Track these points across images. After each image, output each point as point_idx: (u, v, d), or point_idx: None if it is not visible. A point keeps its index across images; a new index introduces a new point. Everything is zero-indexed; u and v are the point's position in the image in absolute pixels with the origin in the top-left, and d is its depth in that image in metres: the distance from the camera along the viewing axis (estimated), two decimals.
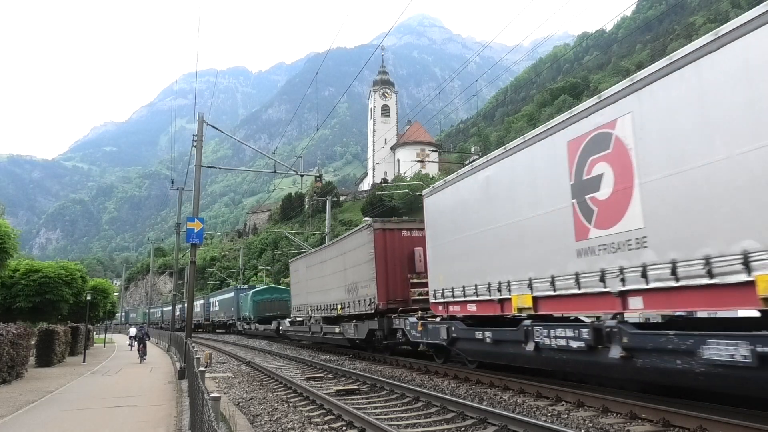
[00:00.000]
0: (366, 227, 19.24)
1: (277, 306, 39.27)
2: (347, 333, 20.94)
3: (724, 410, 7.67)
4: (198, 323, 60.37)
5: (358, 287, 19.66)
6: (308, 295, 26.53)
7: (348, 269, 20.94)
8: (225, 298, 52.30)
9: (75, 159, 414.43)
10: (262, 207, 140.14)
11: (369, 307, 18.29)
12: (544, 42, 67.20)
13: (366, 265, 18.78)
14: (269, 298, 40.80)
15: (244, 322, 43.49)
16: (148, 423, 9.40)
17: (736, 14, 62.22)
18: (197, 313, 59.96)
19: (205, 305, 59.61)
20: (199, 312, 59.91)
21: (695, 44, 7.53)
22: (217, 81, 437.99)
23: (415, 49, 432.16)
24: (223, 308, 52.84)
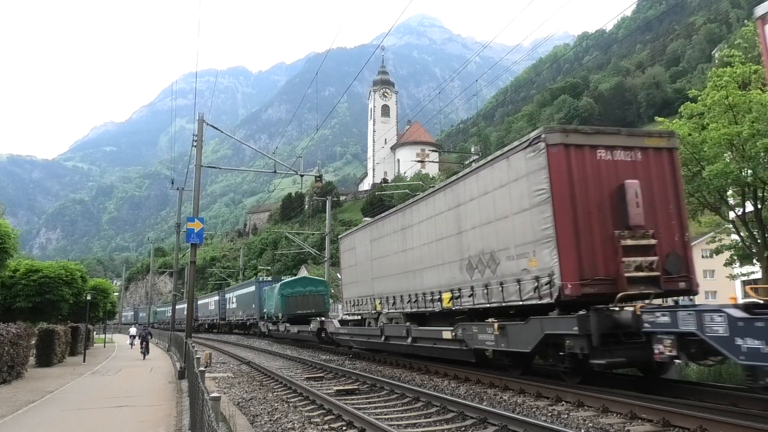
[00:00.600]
0: (526, 144, 10.90)
1: (312, 302, 32.50)
2: (478, 341, 12.42)
3: (724, 410, 7.67)
4: (212, 323, 55.92)
5: (500, 258, 11.71)
6: (375, 282, 19.08)
7: (475, 229, 12.66)
8: (244, 293, 44.35)
9: (75, 159, 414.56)
10: (262, 207, 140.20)
11: (539, 292, 10.44)
12: (544, 42, 67.24)
13: (526, 215, 10.83)
14: (302, 291, 33.00)
15: (269, 322, 36.27)
16: (148, 423, 9.40)
17: (737, 14, 62.57)
18: (211, 311, 56.24)
19: (220, 302, 53.09)
20: (213, 310, 55.24)
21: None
22: (217, 81, 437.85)
23: (415, 49, 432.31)
24: (242, 305, 45.27)
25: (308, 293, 32.81)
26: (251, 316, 41.25)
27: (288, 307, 32.28)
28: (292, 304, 32.30)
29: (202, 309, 59.58)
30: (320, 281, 35.01)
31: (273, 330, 34.95)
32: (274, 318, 34.59)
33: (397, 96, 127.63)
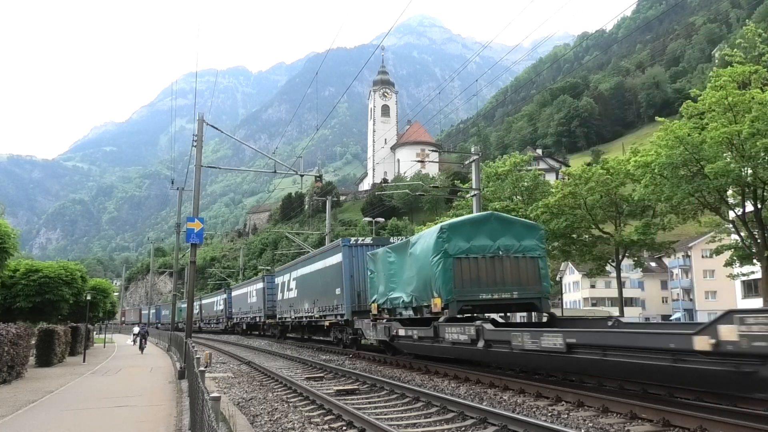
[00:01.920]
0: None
1: (516, 273, 14.64)
2: None
3: (724, 410, 7.67)
4: (254, 322, 40.84)
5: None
6: None
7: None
8: (320, 269, 24.81)
9: (75, 159, 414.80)
10: (262, 207, 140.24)
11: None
12: (544, 42, 67.15)
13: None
14: (490, 248, 14.46)
15: (391, 320, 17.43)
16: (148, 423, 9.40)
17: (736, 14, 62.74)
18: (251, 305, 40.77)
19: (266, 292, 36.05)
20: (254, 304, 39.92)
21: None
22: (217, 81, 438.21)
23: (415, 49, 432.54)
24: (312, 290, 25.96)
25: (506, 253, 14.57)
26: (334, 309, 22.70)
27: (459, 285, 14.00)
28: (472, 276, 14.23)
29: (236, 303, 46.82)
30: (526, 225, 16.06)
31: (405, 339, 16.20)
32: (403, 309, 16.66)
33: (397, 96, 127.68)
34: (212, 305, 58.01)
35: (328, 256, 23.77)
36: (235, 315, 47.11)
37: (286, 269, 32.51)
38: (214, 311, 55.78)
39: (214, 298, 58.56)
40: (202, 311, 60.70)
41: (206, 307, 60.78)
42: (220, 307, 52.78)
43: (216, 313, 55.18)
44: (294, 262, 31.98)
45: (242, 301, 44.56)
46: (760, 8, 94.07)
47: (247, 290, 43.30)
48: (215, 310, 55.32)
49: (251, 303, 41.28)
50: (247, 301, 42.56)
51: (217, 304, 54.58)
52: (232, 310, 48.27)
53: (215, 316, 55.36)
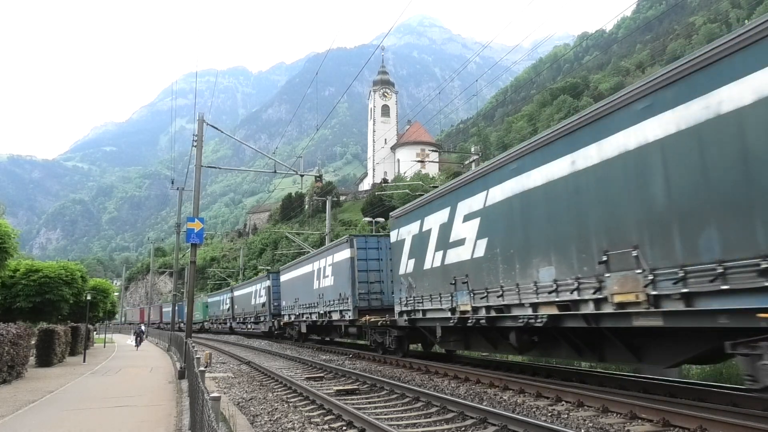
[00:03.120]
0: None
1: None
2: None
3: (724, 410, 7.67)
4: (317, 323, 25.62)
5: None
6: None
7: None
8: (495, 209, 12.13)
9: (75, 159, 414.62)
10: (262, 207, 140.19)
11: None
12: (544, 42, 67.18)
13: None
14: None
15: None
16: (149, 423, 9.40)
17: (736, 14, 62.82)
18: (319, 294, 24.61)
19: (354, 267, 20.92)
20: (327, 289, 23.69)
21: None
22: (217, 81, 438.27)
23: (415, 49, 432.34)
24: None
25: None
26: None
27: None
28: None
29: (287, 292, 31.02)
30: None
31: None
32: None
33: (397, 96, 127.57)
34: (249, 297, 41.79)
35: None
36: (288, 310, 30.53)
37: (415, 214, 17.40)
38: (252, 306, 40.33)
39: (251, 287, 42.01)
40: (234, 306, 46.62)
41: (240, 301, 44.61)
42: (260, 300, 37.55)
43: (254, 308, 39.73)
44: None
45: (291, 290, 29.44)
46: (759, 8, 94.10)
47: (300, 272, 27.92)
48: (254, 305, 39.86)
49: (321, 289, 24.01)
50: (314, 285, 25.29)
51: (257, 295, 39.14)
52: (281, 302, 32.56)
53: (252, 313, 40.40)
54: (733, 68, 6.56)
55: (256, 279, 41.50)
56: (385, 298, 20.29)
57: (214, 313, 54.73)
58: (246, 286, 44.24)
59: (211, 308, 56.88)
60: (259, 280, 39.34)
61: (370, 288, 20.57)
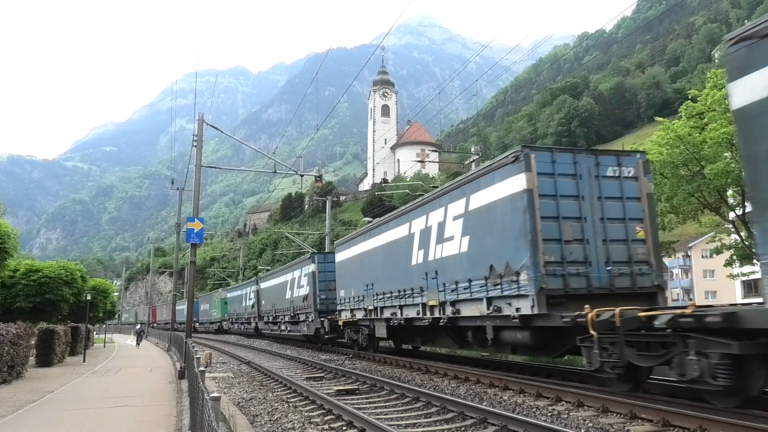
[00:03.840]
0: None
1: None
2: None
3: (724, 410, 7.67)
4: (423, 322, 15.47)
5: None
6: None
7: None
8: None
9: (75, 159, 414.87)
10: (262, 207, 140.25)
11: None
12: (544, 42, 67.16)
13: None
14: None
15: None
16: (149, 423, 9.40)
17: (736, 14, 62.69)
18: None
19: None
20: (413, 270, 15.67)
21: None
22: (217, 81, 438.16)
23: (415, 49, 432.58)
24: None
25: None
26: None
27: None
28: None
29: (349, 276, 21.85)
30: None
31: None
32: None
33: (397, 96, 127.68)
34: (282, 289, 31.15)
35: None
36: (350, 303, 21.35)
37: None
38: (287, 300, 30.06)
39: (285, 276, 31.11)
40: (260, 301, 36.41)
41: (270, 294, 34.17)
42: (299, 291, 27.78)
43: (290, 303, 29.45)
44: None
45: (382, 264, 18.59)
46: (759, 8, 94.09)
47: (415, 229, 16.45)
48: (290, 298, 29.62)
49: (433, 263, 14.61)
50: (413, 259, 16.25)
51: (294, 285, 28.66)
52: (335, 293, 23.78)
53: (286, 310, 29.96)
54: None
55: (294, 264, 29.79)
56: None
57: (235, 310, 44.73)
58: (278, 275, 33.16)
59: (232, 305, 46.78)
60: (298, 264, 28.48)
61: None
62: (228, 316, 47.67)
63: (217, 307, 50.88)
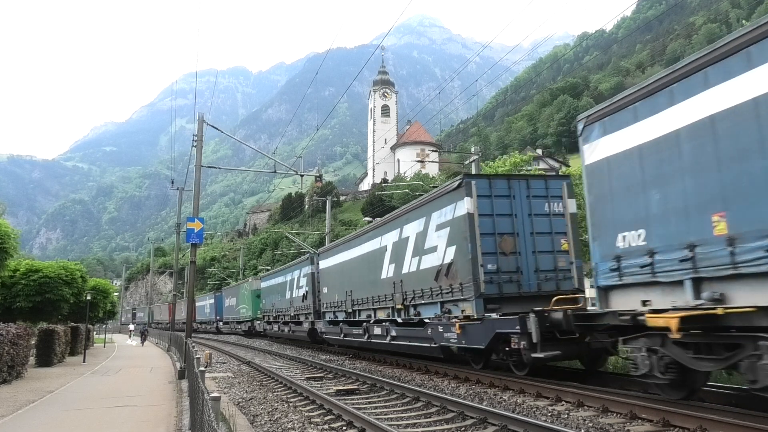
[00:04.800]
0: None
1: None
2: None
3: (724, 410, 7.67)
4: None
5: None
6: None
7: None
8: None
9: (75, 159, 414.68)
10: (262, 207, 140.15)
11: None
12: (544, 42, 67.11)
13: None
14: None
15: None
16: (149, 423, 9.40)
17: (736, 14, 62.90)
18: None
19: None
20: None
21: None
22: (217, 81, 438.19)
23: (415, 49, 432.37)
24: None
25: None
26: None
27: None
28: None
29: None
30: None
31: None
32: None
33: (397, 96, 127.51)
34: (363, 265, 19.67)
35: None
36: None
37: None
38: (378, 282, 18.15)
39: (374, 241, 18.73)
40: (321, 289, 24.49)
41: (342, 275, 22.08)
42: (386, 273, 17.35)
43: (384, 284, 17.63)
44: None
45: None
46: (760, 8, 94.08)
47: None
48: (383, 277, 17.78)
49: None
50: None
51: (395, 252, 16.89)
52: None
53: (380, 300, 17.95)
54: None
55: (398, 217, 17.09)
56: None
57: (275, 305, 33.19)
58: (358, 242, 20.16)
59: (269, 297, 35.11)
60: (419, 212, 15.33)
61: None
62: (263, 314, 36.72)
63: (246, 301, 40.70)
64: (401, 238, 16.31)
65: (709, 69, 7.25)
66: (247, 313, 41.22)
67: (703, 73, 7.32)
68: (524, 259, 12.75)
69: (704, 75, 7.31)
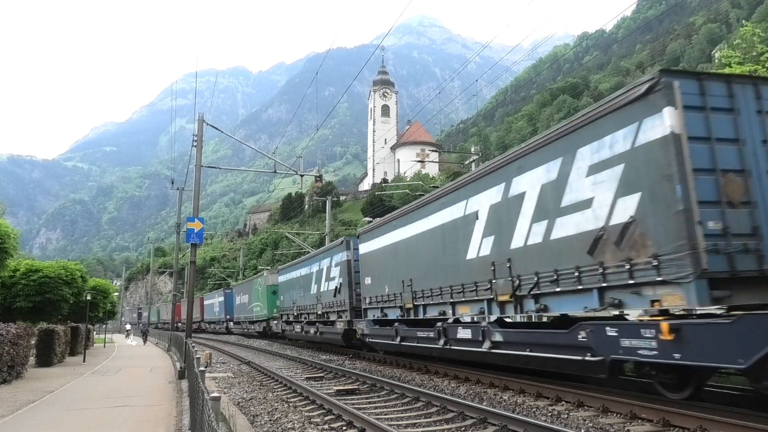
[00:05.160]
0: None
1: None
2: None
3: (724, 410, 7.67)
4: None
5: None
6: None
7: None
8: None
9: (75, 159, 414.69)
10: (262, 207, 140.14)
11: None
12: (544, 42, 67.12)
13: None
14: None
15: None
16: (149, 423, 9.40)
17: (736, 14, 62.75)
18: None
19: None
20: None
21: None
22: (217, 81, 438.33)
23: (415, 49, 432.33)
24: None
25: None
26: None
27: None
28: None
29: None
30: None
31: None
32: None
33: (397, 96, 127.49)
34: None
35: None
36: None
37: None
38: (464, 262, 13.09)
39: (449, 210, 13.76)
40: (362, 280, 19.73)
41: (391, 261, 17.17)
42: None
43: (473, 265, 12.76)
44: None
45: None
46: (760, 8, 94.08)
47: None
48: (472, 258, 12.75)
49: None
50: None
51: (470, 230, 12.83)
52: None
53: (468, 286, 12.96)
54: None
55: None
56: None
57: (296, 302, 28.82)
58: (424, 213, 15.39)
59: (288, 293, 30.74)
60: (549, 151, 10.24)
61: None
62: (281, 312, 32.79)
63: (261, 298, 36.50)
64: (509, 197, 11.04)
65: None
66: (261, 312, 36.38)
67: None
68: (763, 214, 7.61)
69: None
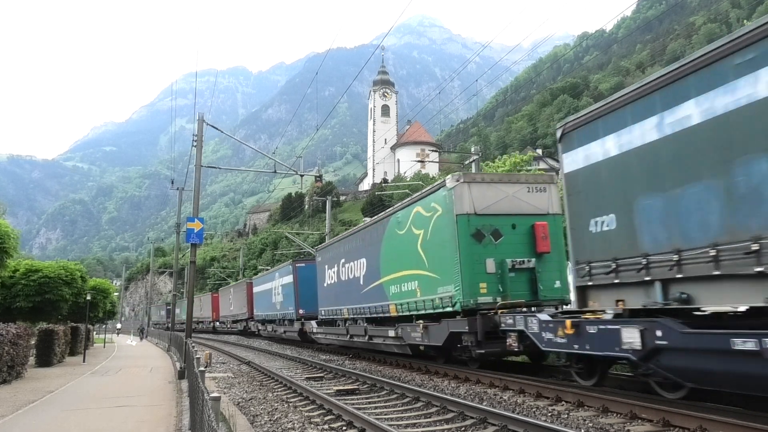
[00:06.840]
0: None
1: None
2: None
3: (724, 410, 7.67)
4: None
5: None
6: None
7: None
8: None
9: (75, 159, 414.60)
10: (262, 207, 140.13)
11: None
12: (544, 42, 67.13)
13: None
14: None
15: None
16: (149, 423, 9.40)
17: (736, 14, 62.90)
18: None
19: None
20: None
21: None
22: (217, 81, 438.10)
23: (415, 49, 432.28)
24: None
25: None
26: None
27: None
28: None
29: None
30: None
31: None
32: None
33: (397, 96, 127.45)
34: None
35: None
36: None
37: None
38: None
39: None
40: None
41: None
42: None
43: None
44: None
45: None
46: (760, 8, 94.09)
47: None
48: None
49: None
50: None
51: None
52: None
53: None
54: None
55: None
56: None
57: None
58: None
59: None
60: None
61: None
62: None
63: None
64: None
65: None
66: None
67: None
68: None
69: None
